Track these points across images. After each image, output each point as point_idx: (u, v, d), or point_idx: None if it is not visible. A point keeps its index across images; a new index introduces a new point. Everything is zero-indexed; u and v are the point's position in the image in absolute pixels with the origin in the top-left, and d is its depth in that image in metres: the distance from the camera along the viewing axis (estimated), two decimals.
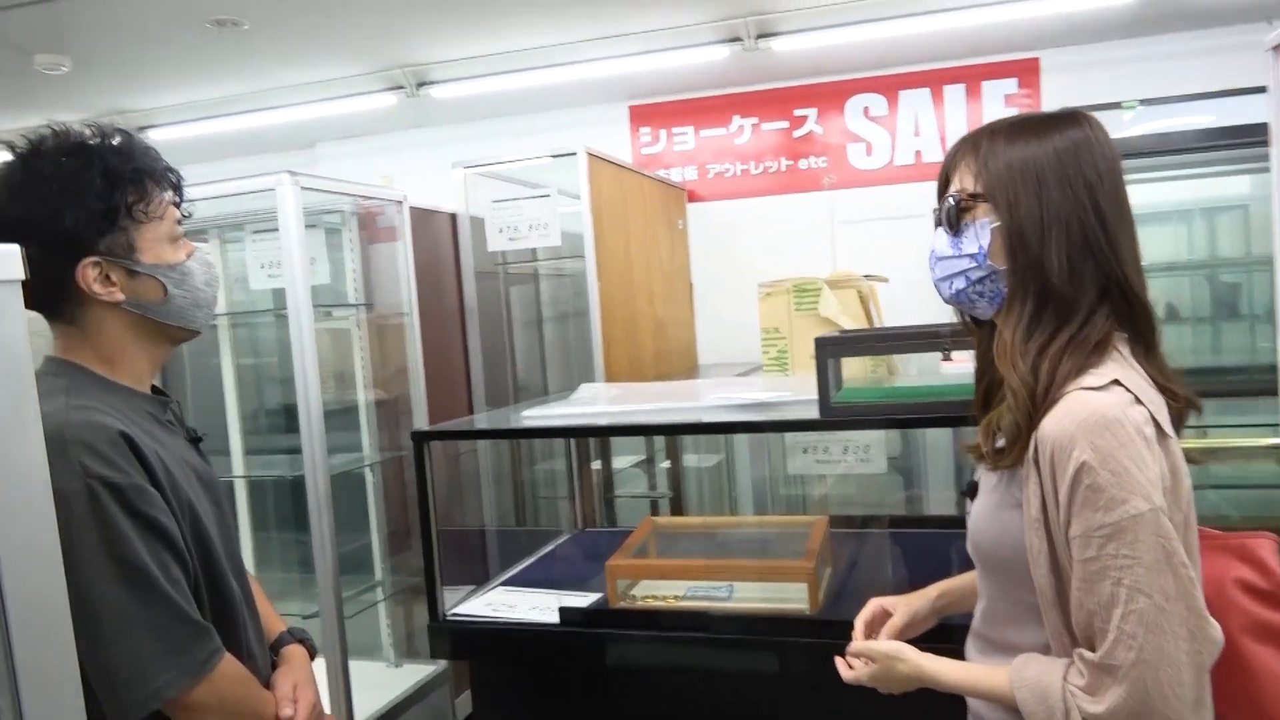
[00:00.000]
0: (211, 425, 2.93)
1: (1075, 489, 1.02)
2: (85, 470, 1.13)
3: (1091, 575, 1.02)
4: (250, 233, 2.68)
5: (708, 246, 4.28)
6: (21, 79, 3.50)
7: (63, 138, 1.25)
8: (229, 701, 1.26)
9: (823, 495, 3.07)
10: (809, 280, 2.83)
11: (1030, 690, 1.08)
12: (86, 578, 1.12)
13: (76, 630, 1.14)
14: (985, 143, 1.16)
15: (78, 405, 1.19)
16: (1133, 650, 0.99)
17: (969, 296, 1.20)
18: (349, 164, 4.70)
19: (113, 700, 1.15)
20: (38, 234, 1.18)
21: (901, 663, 1.23)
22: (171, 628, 1.18)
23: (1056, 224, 1.11)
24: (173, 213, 1.31)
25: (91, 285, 1.23)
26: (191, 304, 1.32)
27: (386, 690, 2.49)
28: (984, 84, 3.97)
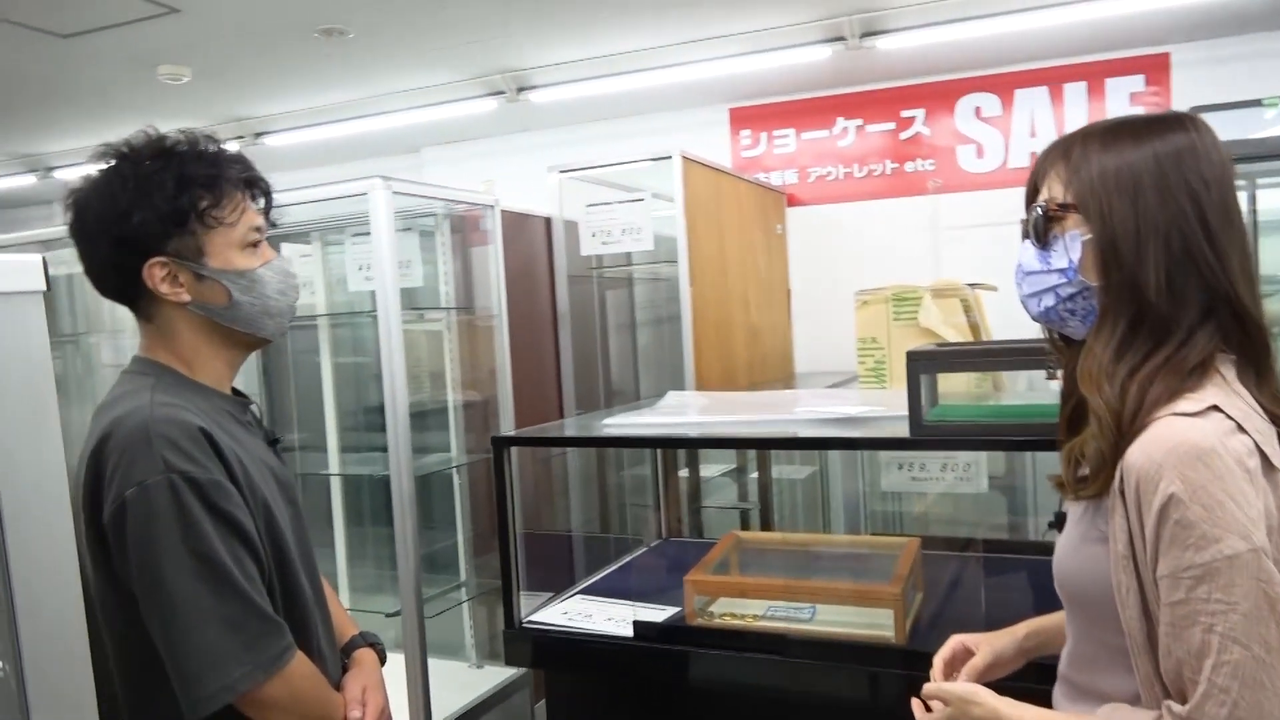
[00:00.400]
0: (312, 423, 3.02)
1: (1162, 524, 0.93)
2: (167, 464, 1.16)
3: (1180, 620, 0.92)
4: (349, 236, 2.75)
5: (807, 252, 4.17)
6: (146, 89, 3.69)
7: (154, 142, 1.29)
8: (300, 699, 1.27)
9: (921, 514, 2.94)
10: (909, 288, 2.71)
11: None
12: (165, 570, 1.15)
13: (154, 622, 1.18)
14: (1078, 148, 1.07)
15: (162, 402, 1.22)
16: (1225, 706, 0.89)
17: (1059, 314, 1.11)
18: (452, 168, 4.79)
19: (186, 693, 1.17)
20: (110, 232, 1.23)
21: (977, 706, 1.13)
22: (246, 623, 1.20)
23: (1154, 235, 1.01)
24: (249, 219, 1.33)
25: (158, 285, 1.26)
26: (260, 311, 1.33)
27: (467, 691, 2.50)
28: (1108, 82, 3.73)
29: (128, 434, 1.17)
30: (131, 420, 1.17)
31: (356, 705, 1.39)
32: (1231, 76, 3.53)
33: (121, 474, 1.15)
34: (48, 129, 4.35)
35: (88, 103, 3.93)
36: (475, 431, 2.75)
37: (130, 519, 1.15)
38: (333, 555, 2.94)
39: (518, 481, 2.67)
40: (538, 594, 2.22)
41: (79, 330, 3.40)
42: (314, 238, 2.94)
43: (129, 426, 1.17)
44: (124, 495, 1.15)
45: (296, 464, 3.02)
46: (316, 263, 2.95)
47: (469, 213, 2.75)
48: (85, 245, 1.28)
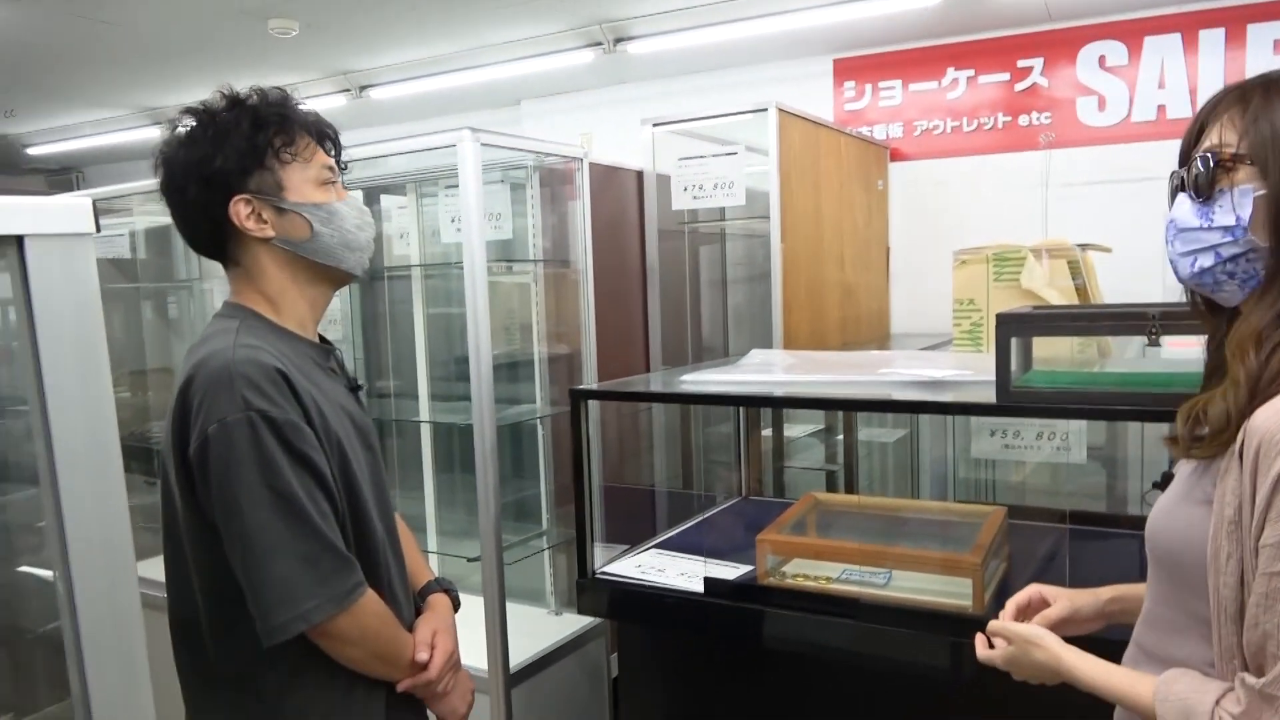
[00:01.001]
0: (405, 371, 3.10)
1: (1276, 491, 0.87)
2: (246, 403, 1.21)
3: (1275, 592, 0.87)
4: (443, 188, 2.79)
5: (909, 209, 4.03)
6: (257, 43, 3.81)
7: (226, 98, 1.36)
8: (369, 635, 1.31)
9: (1016, 483, 2.83)
10: (1011, 248, 2.58)
11: (1174, 707, 0.94)
12: (243, 504, 1.20)
13: (233, 553, 1.22)
14: (1258, 95, 0.98)
15: (244, 344, 1.27)
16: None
17: (1215, 277, 1.02)
18: (551, 121, 4.80)
19: (262, 621, 1.22)
20: (196, 175, 1.30)
21: (1039, 649, 1.12)
22: (320, 557, 1.24)
23: None
24: (322, 159, 1.38)
25: (244, 221, 1.32)
26: (341, 244, 1.38)
27: (544, 637, 2.55)
28: (1249, 28, 3.43)
29: (211, 373, 1.22)
30: (215, 360, 1.23)
31: (425, 647, 1.42)
32: None
33: (205, 411, 1.21)
34: (167, 82, 4.55)
35: (203, 56, 4.08)
36: (560, 384, 2.77)
37: (212, 454, 1.20)
38: (421, 500, 3.03)
39: (599, 434, 2.69)
40: (615, 546, 2.23)
41: (193, 276, 3.57)
42: (409, 189, 2.99)
43: (213, 366, 1.22)
44: (207, 431, 1.20)
45: (391, 410, 3.12)
46: (411, 214, 3.01)
47: (559, 165, 2.74)
48: (175, 196, 1.34)
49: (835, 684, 1.85)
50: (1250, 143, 0.97)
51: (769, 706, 1.93)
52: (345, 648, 1.29)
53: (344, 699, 1.33)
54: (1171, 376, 1.51)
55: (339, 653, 1.29)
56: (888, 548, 1.88)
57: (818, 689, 1.88)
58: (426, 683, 1.41)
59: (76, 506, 0.69)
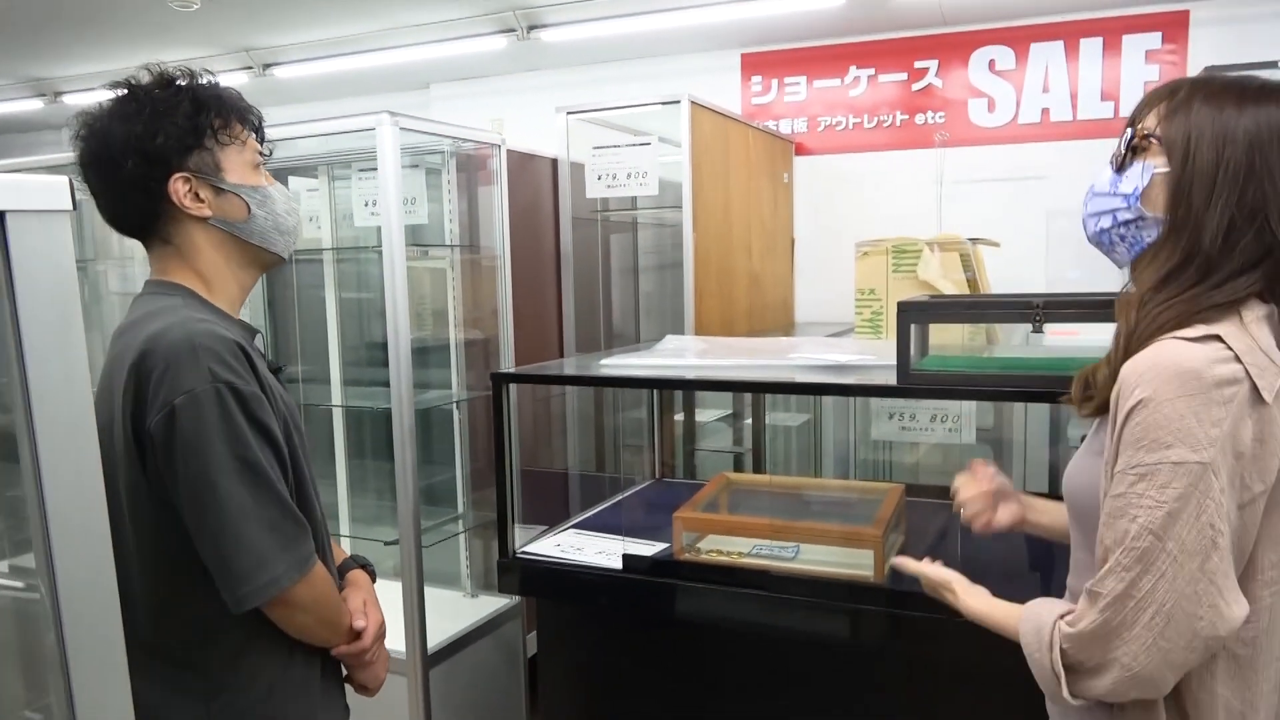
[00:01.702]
0: (316, 356, 3.07)
1: (1126, 424, 1.01)
2: (213, 375, 1.22)
3: (1115, 510, 1.01)
4: (356, 171, 2.76)
5: (813, 201, 4.18)
6: (156, 16, 3.67)
7: (158, 76, 1.36)
8: (320, 601, 1.35)
9: (912, 464, 2.99)
10: (909, 241, 2.72)
11: (1031, 623, 1.09)
12: (213, 474, 1.22)
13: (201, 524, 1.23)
14: (1184, 92, 1.12)
15: (199, 319, 1.27)
16: (1122, 583, 0.98)
17: (1110, 238, 1.17)
18: (461, 105, 4.77)
19: (234, 588, 1.24)
20: (134, 152, 1.29)
21: (949, 593, 1.31)
22: (284, 524, 1.27)
23: (1230, 184, 1.06)
24: (253, 144, 1.40)
25: (182, 199, 1.32)
26: (273, 227, 1.40)
27: (461, 619, 2.58)
28: (1124, 38, 3.69)
29: (172, 346, 1.22)
30: (174, 334, 1.23)
31: (360, 615, 1.46)
32: (1250, 37, 3.49)
33: (169, 383, 1.21)
34: (57, 54, 4.33)
35: (97, 28, 3.90)
36: (476, 369, 2.80)
37: (180, 425, 1.20)
38: (334, 486, 3.00)
39: (517, 419, 2.72)
40: (533, 527, 2.28)
41: (88, 257, 3.44)
42: (321, 172, 2.95)
43: (172, 339, 1.22)
44: (173, 403, 1.20)
45: (300, 395, 3.08)
46: (323, 197, 2.97)
47: (476, 151, 2.76)
48: (106, 170, 1.32)
49: (749, 653, 1.95)
50: (1165, 129, 1.11)
51: (683, 679, 2.02)
52: (298, 614, 1.31)
53: (284, 670, 1.35)
54: (1053, 361, 1.65)
55: (290, 620, 1.31)
56: (796, 524, 1.98)
57: (732, 659, 1.97)
58: (360, 650, 1.44)
59: (56, 482, 0.70)
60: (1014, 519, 1.44)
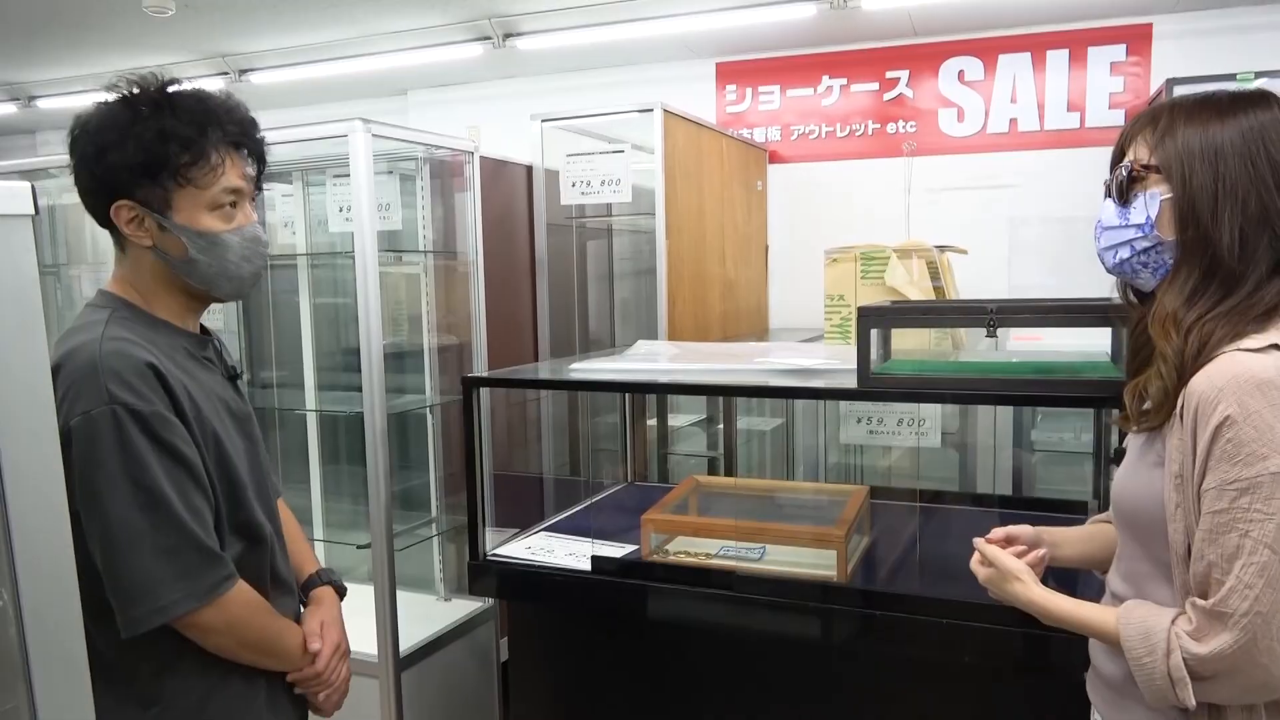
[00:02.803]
0: (290, 361, 3.07)
1: (1215, 442, 1.04)
2: (110, 396, 1.20)
3: (1219, 527, 1.03)
4: (331, 177, 2.78)
5: (786, 209, 4.23)
6: (130, 21, 3.67)
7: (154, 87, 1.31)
8: (237, 626, 1.33)
9: (884, 467, 3.04)
10: (877, 248, 2.77)
11: (1136, 628, 1.10)
12: (104, 496, 1.20)
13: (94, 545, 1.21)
14: (1165, 117, 1.17)
15: (112, 336, 1.26)
16: (1247, 600, 1.01)
17: (1132, 267, 1.21)
18: (438, 112, 4.79)
19: (122, 612, 1.23)
20: (87, 167, 1.29)
21: (1020, 583, 1.28)
22: (182, 551, 1.24)
23: (1231, 197, 1.11)
24: (228, 182, 1.34)
25: (123, 225, 1.31)
26: (218, 273, 1.36)
27: (433, 622, 2.59)
28: (1090, 50, 3.77)
29: (77, 366, 1.21)
30: (82, 353, 1.22)
31: (315, 638, 1.45)
32: (1211, 50, 3.57)
33: (69, 403, 1.20)
34: (31, 58, 4.32)
35: (72, 33, 3.90)
36: (450, 374, 2.81)
37: (75, 446, 1.19)
38: (308, 490, 3.01)
39: (489, 423, 2.74)
40: (505, 530, 2.30)
41: (60, 261, 3.43)
42: (296, 178, 2.96)
43: (79, 359, 1.22)
44: (70, 424, 1.19)
45: (274, 400, 3.08)
46: (298, 203, 2.98)
47: (450, 158, 2.78)
48: (75, 171, 1.33)
49: (717, 654, 1.98)
50: (1159, 156, 1.16)
51: (654, 681, 2.04)
52: (212, 637, 1.31)
53: (219, 686, 1.34)
54: (1009, 365, 1.69)
55: (207, 642, 1.31)
56: (762, 525, 2.02)
57: (701, 660, 2.00)
58: (313, 675, 1.44)
59: (19, 486, 0.72)
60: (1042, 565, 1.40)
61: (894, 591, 1.76)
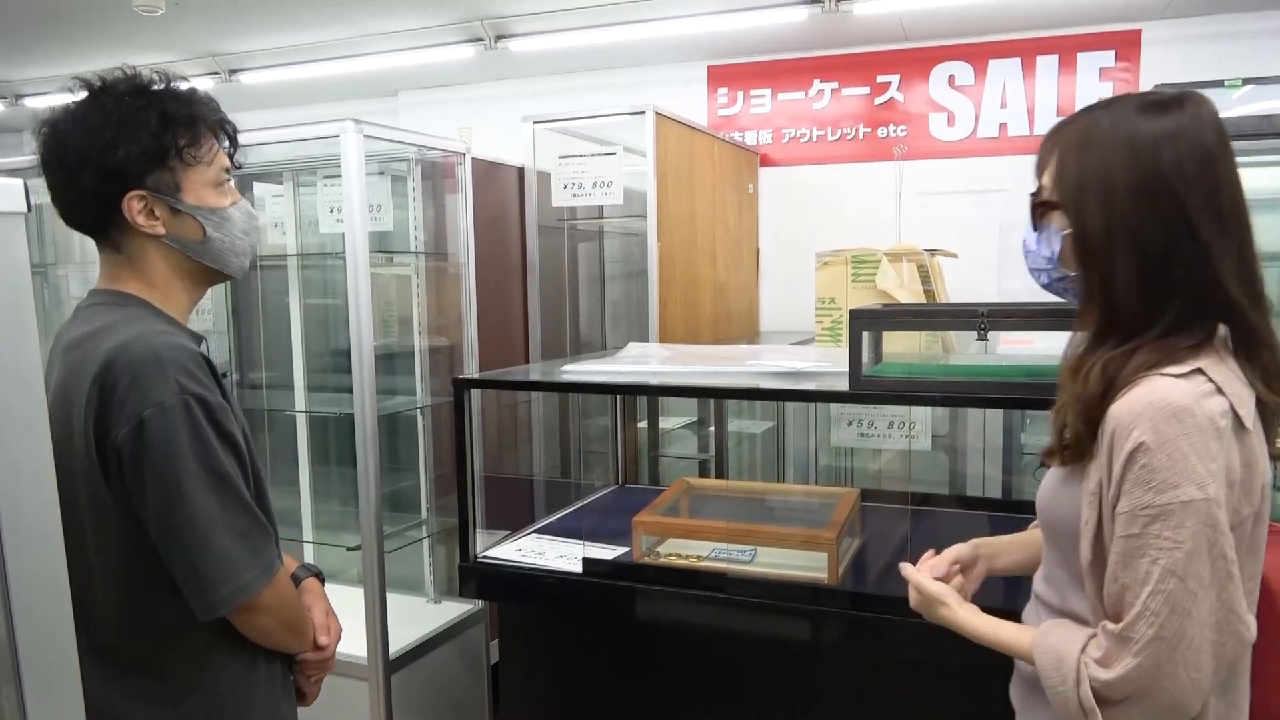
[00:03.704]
0: (279, 362, 3.06)
1: (1129, 467, 1.02)
2: (181, 387, 1.22)
3: (1131, 551, 1.03)
4: (321, 177, 2.77)
5: (778, 212, 4.24)
6: (120, 20, 3.66)
7: (131, 79, 1.32)
8: (284, 605, 1.35)
9: (876, 470, 3.04)
10: (868, 251, 2.77)
11: (1049, 655, 1.10)
12: (184, 485, 1.22)
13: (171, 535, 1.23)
14: (1064, 141, 1.13)
15: (160, 330, 1.27)
16: (1153, 627, 1.01)
17: (1057, 290, 1.20)
18: (429, 114, 4.78)
19: (203, 596, 1.24)
20: (93, 163, 1.27)
21: (944, 607, 1.29)
22: (251, 532, 1.28)
23: (1125, 235, 1.06)
24: (221, 160, 1.37)
25: (135, 216, 1.30)
26: (228, 249, 1.38)
27: (424, 624, 2.59)
28: (1079, 55, 3.79)
29: (137, 358, 1.21)
30: (139, 346, 1.22)
31: (324, 631, 1.47)
32: (1200, 56, 3.60)
33: (136, 396, 1.20)
34: (18, 56, 4.29)
35: (61, 31, 3.88)
36: (441, 375, 2.81)
37: (149, 438, 1.20)
38: (297, 491, 3.00)
39: (481, 425, 2.74)
40: (496, 532, 2.30)
41: (47, 261, 3.41)
42: (286, 178, 2.95)
43: (138, 352, 1.22)
44: (141, 415, 1.19)
45: (264, 401, 3.07)
46: (288, 203, 2.97)
47: (441, 159, 2.78)
48: (63, 175, 1.30)
49: (708, 655, 1.98)
50: (1059, 190, 1.12)
51: (644, 683, 2.04)
52: (262, 618, 1.32)
53: (248, 674, 1.35)
54: (1000, 368, 1.70)
55: (254, 624, 1.32)
56: (753, 527, 2.02)
57: (692, 662, 2.00)
58: (325, 658, 1.46)
59: (10, 484, 0.71)
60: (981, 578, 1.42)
61: (884, 594, 1.76)
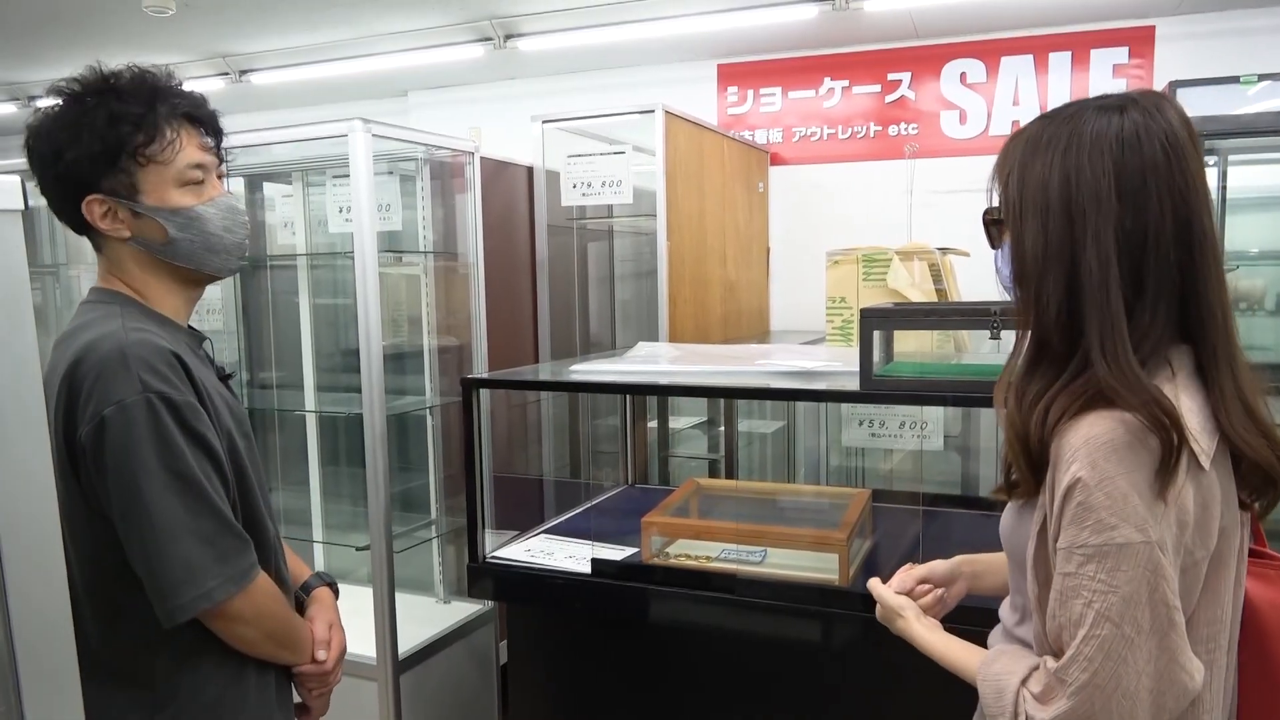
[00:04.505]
0: (289, 361, 3.06)
1: (1066, 503, 0.97)
2: (144, 385, 1.19)
3: (1067, 590, 0.98)
4: (330, 177, 2.77)
5: (788, 211, 4.21)
6: (132, 20, 3.67)
7: (95, 79, 1.29)
8: (263, 615, 1.32)
9: (887, 470, 3.03)
10: (879, 250, 2.76)
11: (991, 685, 1.07)
12: (142, 486, 1.19)
13: (130, 536, 1.20)
14: (1012, 154, 1.06)
15: (134, 327, 1.25)
16: (1087, 673, 0.96)
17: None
18: (439, 113, 4.78)
19: (163, 602, 1.21)
20: (48, 170, 1.27)
21: (901, 619, 1.28)
22: (219, 537, 1.24)
23: (1058, 260, 0.99)
24: (189, 155, 1.31)
25: (97, 221, 1.28)
26: (202, 248, 1.34)
27: (433, 624, 2.58)
28: (1093, 52, 3.76)
29: (103, 356, 1.19)
30: (106, 344, 1.20)
31: (323, 646, 1.44)
32: (1214, 52, 3.56)
33: (99, 394, 1.18)
34: (30, 58, 4.31)
35: (71, 33, 3.89)
36: (450, 375, 2.80)
37: (109, 436, 1.18)
38: (307, 491, 3.00)
39: (490, 425, 2.73)
40: (505, 532, 2.29)
41: (59, 261, 3.42)
42: (296, 178, 2.96)
43: (104, 350, 1.20)
44: (102, 413, 1.17)
45: (273, 401, 3.07)
46: (298, 203, 2.97)
47: (450, 159, 2.77)
48: (37, 180, 1.30)
49: (717, 657, 1.97)
50: (1004, 207, 1.06)
51: (653, 684, 2.03)
52: (240, 627, 1.29)
53: (236, 683, 1.33)
54: None
55: (233, 633, 1.29)
56: (763, 528, 2.01)
57: (700, 663, 1.99)
58: (324, 672, 1.43)
59: (7, 484, 0.71)
60: (960, 596, 1.39)
61: None
